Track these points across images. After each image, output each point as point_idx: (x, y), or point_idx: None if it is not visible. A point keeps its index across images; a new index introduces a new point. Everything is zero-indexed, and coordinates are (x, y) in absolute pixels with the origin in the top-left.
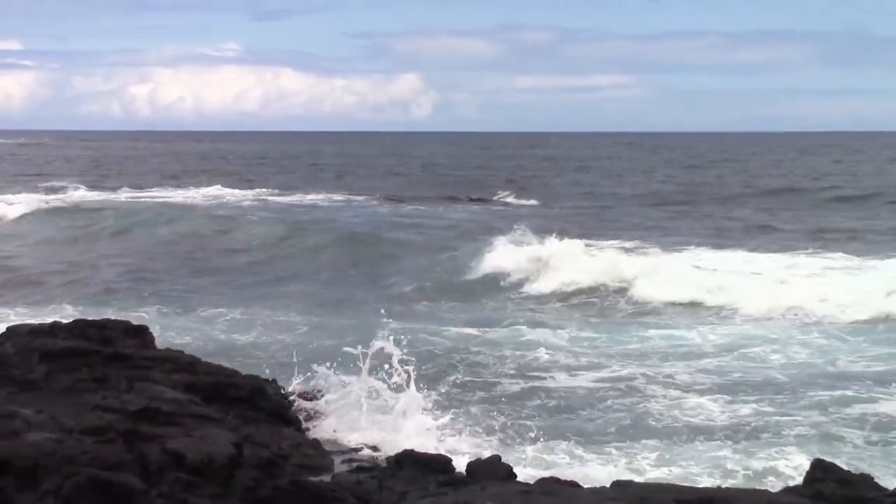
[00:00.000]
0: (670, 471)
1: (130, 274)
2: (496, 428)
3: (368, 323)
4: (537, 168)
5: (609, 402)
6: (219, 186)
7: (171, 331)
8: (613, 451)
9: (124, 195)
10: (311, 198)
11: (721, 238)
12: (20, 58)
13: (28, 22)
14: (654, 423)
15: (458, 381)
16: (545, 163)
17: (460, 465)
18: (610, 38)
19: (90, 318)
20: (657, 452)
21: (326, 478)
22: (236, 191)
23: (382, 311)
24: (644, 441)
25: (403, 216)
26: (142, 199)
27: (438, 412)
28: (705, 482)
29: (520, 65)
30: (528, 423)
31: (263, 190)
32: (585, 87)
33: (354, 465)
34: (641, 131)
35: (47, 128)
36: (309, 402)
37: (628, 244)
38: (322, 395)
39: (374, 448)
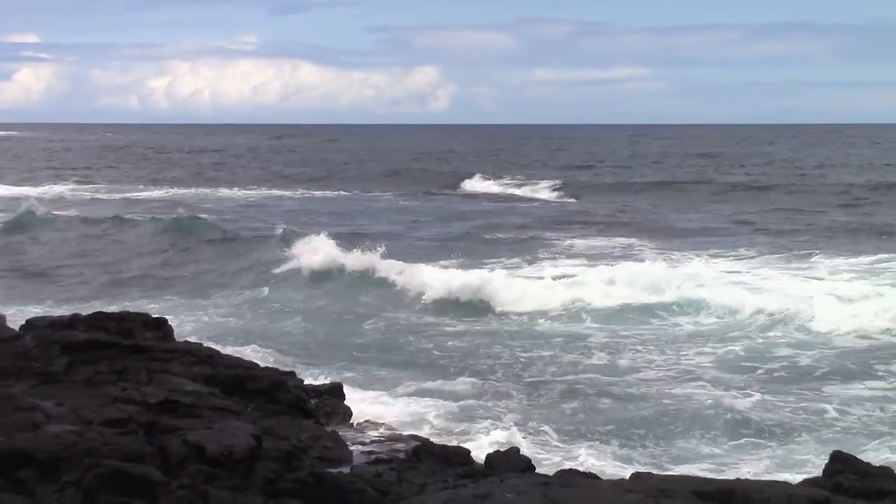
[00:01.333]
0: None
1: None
2: None
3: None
4: (549, 158)
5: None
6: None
7: None
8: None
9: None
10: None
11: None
12: (38, 51)
13: (46, 15)
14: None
15: None
16: (558, 153)
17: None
18: (628, 32)
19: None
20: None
21: (346, 470)
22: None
23: None
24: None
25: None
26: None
27: None
28: (724, 474)
29: (538, 58)
30: None
31: (207, 189)
32: (604, 79)
33: (373, 457)
34: (660, 123)
35: (65, 121)
36: None
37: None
38: None
39: (394, 440)
